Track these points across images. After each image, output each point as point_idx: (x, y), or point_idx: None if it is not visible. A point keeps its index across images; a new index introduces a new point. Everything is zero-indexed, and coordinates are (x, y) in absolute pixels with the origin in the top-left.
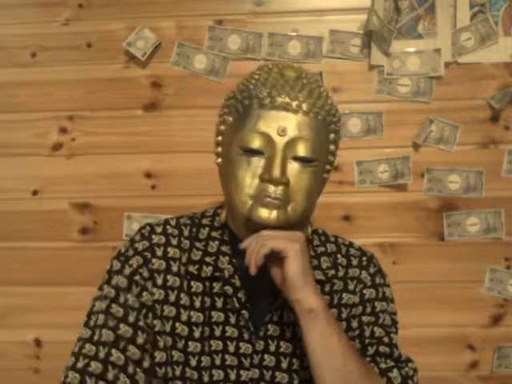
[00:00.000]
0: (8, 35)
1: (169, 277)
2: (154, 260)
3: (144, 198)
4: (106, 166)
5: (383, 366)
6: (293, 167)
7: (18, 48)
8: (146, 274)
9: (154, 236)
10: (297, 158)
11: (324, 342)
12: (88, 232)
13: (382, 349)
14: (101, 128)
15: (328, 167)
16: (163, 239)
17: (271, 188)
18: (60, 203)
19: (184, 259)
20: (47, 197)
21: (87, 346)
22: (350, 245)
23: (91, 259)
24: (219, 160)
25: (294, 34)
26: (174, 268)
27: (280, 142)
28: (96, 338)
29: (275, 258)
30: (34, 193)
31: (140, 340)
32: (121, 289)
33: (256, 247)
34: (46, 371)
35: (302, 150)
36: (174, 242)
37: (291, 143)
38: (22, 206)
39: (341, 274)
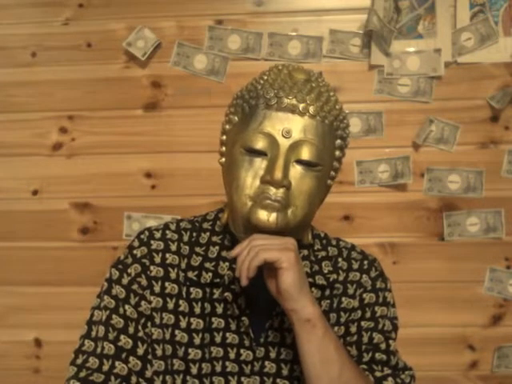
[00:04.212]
0: (8, 35)
1: (167, 284)
2: (152, 267)
3: (144, 198)
4: (106, 166)
5: (378, 374)
6: (296, 170)
7: (18, 48)
8: (144, 282)
9: (152, 242)
10: (300, 162)
11: (321, 351)
12: (88, 232)
13: (378, 356)
14: (101, 128)
15: (333, 173)
16: (162, 245)
17: (272, 190)
18: (60, 203)
19: (183, 265)
20: (47, 197)
21: (91, 359)
22: (352, 248)
23: (91, 259)
24: (223, 159)
25: (294, 33)
26: (173, 275)
27: (284, 144)
28: (99, 350)
29: (269, 267)
30: (34, 193)
31: (140, 351)
32: (119, 299)
33: (247, 258)
34: (45, 371)
35: (305, 154)
36: (173, 247)
37: (295, 146)
38: (22, 205)
39: (341, 277)
